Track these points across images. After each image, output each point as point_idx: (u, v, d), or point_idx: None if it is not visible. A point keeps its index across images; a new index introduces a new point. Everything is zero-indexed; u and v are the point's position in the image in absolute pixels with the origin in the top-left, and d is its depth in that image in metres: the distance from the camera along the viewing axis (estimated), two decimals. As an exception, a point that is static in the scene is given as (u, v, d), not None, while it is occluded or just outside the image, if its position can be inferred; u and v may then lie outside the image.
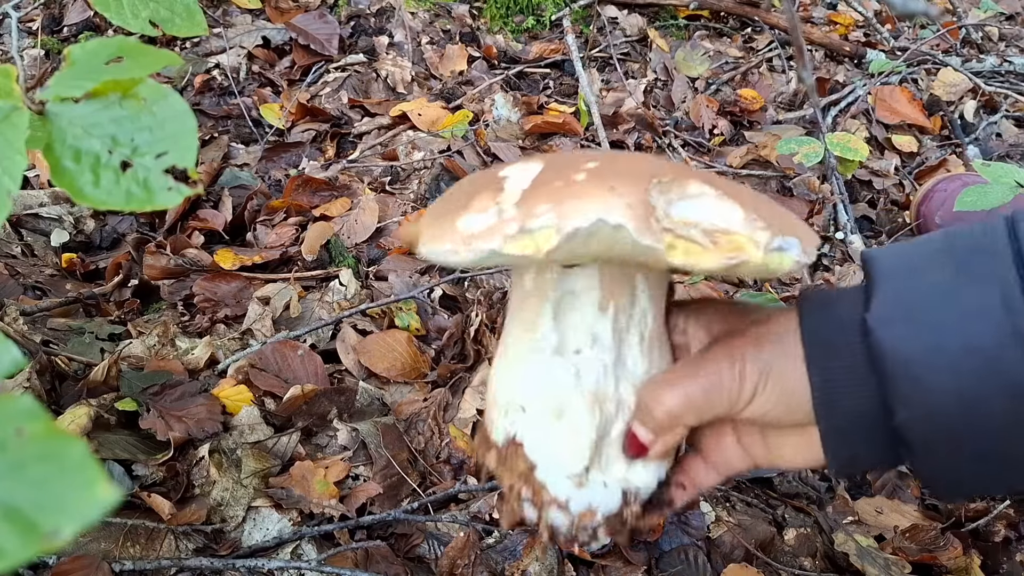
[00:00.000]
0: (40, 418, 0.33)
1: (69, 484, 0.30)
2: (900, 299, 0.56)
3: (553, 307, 0.57)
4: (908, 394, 0.54)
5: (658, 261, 0.49)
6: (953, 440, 0.55)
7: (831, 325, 0.58)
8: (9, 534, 0.29)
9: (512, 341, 0.59)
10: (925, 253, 0.59)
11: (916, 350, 0.54)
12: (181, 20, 0.75)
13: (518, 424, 0.57)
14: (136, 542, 0.95)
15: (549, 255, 0.47)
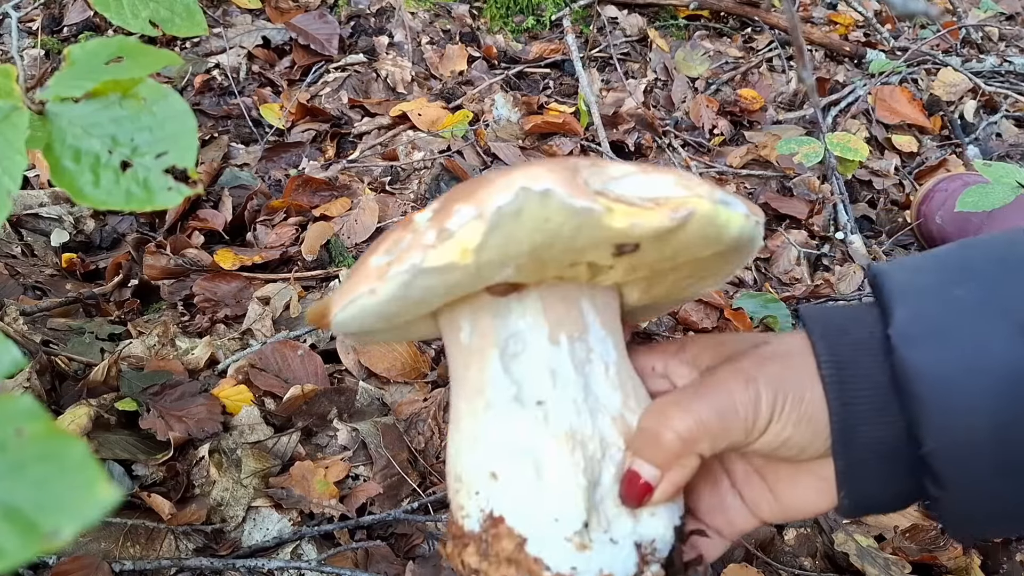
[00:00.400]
0: (40, 418, 0.33)
1: (69, 484, 0.30)
2: (925, 315, 0.51)
3: (500, 355, 0.51)
4: (938, 419, 0.49)
5: (600, 235, 0.44)
6: (988, 472, 0.49)
7: (847, 345, 0.52)
8: (9, 534, 0.29)
9: (464, 409, 0.51)
10: (942, 267, 0.54)
11: (947, 370, 0.48)
12: (181, 20, 0.75)
13: (492, 496, 0.49)
14: (136, 542, 0.95)
15: (478, 254, 0.42)
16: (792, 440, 0.52)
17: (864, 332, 0.53)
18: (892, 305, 0.52)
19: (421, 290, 0.45)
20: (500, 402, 0.50)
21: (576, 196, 0.42)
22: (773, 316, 1.30)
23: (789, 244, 1.52)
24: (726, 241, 0.49)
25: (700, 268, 0.54)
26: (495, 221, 0.42)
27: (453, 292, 0.48)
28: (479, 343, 0.51)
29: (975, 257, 0.53)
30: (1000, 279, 0.50)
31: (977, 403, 0.48)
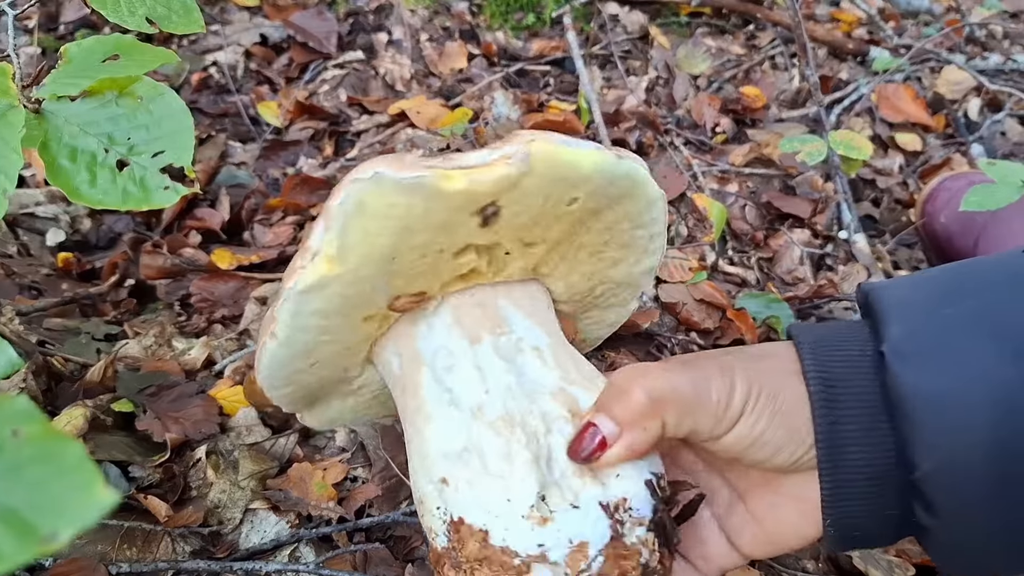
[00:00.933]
0: (37, 419, 0.33)
1: (66, 486, 0.30)
2: (919, 332, 0.49)
3: (430, 371, 0.51)
4: (931, 439, 0.47)
5: (448, 204, 0.44)
6: (982, 498, 0.47)
7: (838, 362, 0.51)
8: (6, 536, 0.29)
9: (411, 433, 0.52)
10: (934, 286, 0.53)
11: (942, 389, 0.47)
12: (178, 17, 0.74)
13: (449, 503, 0.48)
14: (133, 544, 0.94)
15: (342, 260, 0.43)
16: (765, 436, 0.50)
17: (855, 349, 0.51)
18: (887, 322, 0.50)
19: (315, 316, 0.46)
20: (438, 412, 0.50)
21: (404, 171, 0.43)
22: (776, 316, 1.29)
23: (792, 243, 1.51)
24: (588, 181, 0.48)
25: (603, 235, 0.54)
26: (340, 222, 0.42)
27: (351, 312, 0.48)
28: (410, 368, 0.52)
29: (967, 276, 0.52)
30: (991, 299, 0.49)
31: (972, 423, 0.46)
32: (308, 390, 0.55)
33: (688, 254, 1.43)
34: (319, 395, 0.57)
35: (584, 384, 0.52)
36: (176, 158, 0.49)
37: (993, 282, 0.50)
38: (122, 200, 0.48)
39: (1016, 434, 0.46)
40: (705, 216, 1.52)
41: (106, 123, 0.51)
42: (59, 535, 0.29)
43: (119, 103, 0.52)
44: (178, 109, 0.51)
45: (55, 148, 0.51)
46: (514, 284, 0.53)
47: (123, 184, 0.48)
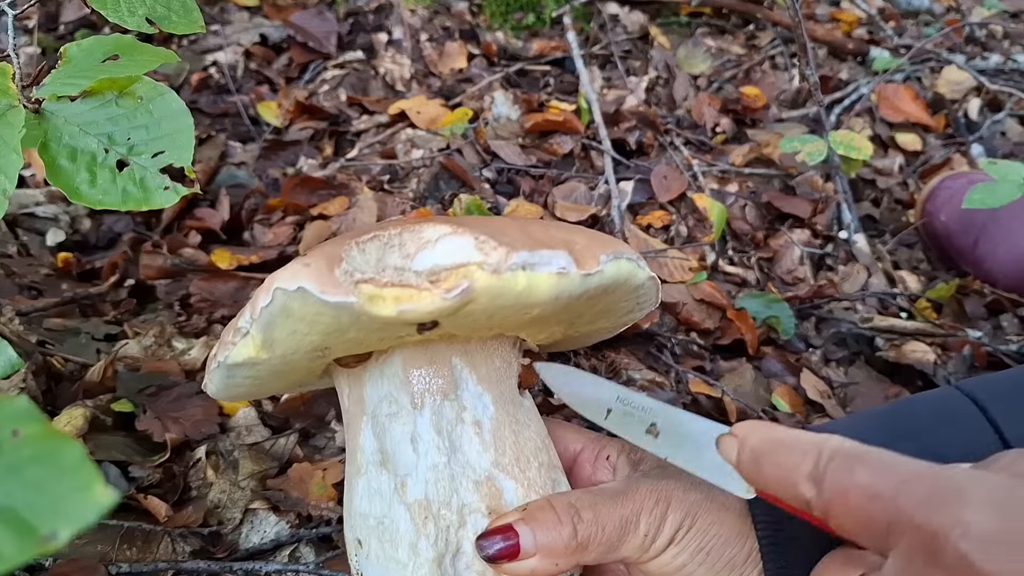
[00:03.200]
0: (36, 419, 0.33)
1: (66, 486, 0.30)
2: None
3: (370, 421, 0.50)
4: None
5: (377, 323, 0.42)
6: None
7: (778, 521, 0.50)
8: (6, 537, 0.29)
9: (347, 471, 0.52)
10: (880, 427, 0.53)
11: None
12: (178, 17, 0.74)
13: (360, 564, 0.49)
14: (132, 544, 0.94)
15: (269, 349, 0.43)
16: (686, 570, 0.49)
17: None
18: None
19: (248, 380, 0.48)
20: (368, 469, 0.50)
21: (330, 292, 0.41)
22: (776, 316, 1.29)
23: (792, 243, 1.51)
24: (548, 303, 0.45)
25: (578, 313, 0.52)
26: (266, 320, 0.42)
27: (288, 372, 0.49)
28: (354, 409, 0.51)
29: (914, 414, 0.53)
30: (942, 433, 0.51)
31: None
32: (268, 391, 0.55)
33: (688, 254, 1.42)
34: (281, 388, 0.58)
35: (516, 472, 0.50)
36: (176, 158, 0.48)
37: (934, 422, 0.53)
38: (122, 200, 0.48)
39: None
40: (705, 216, 1.52)
41: (106, 123, 0.51)
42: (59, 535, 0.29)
43: (119, 103, 0.52)
44: (178, 109, 0.51)
45: (55, 148, 0.51)
46: (473, 342, 0.51)
47: (123, 184, 0.48)
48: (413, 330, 0.45)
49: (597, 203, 1.53)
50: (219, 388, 0.51)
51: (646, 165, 1.64)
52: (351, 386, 0.52)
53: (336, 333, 0.44)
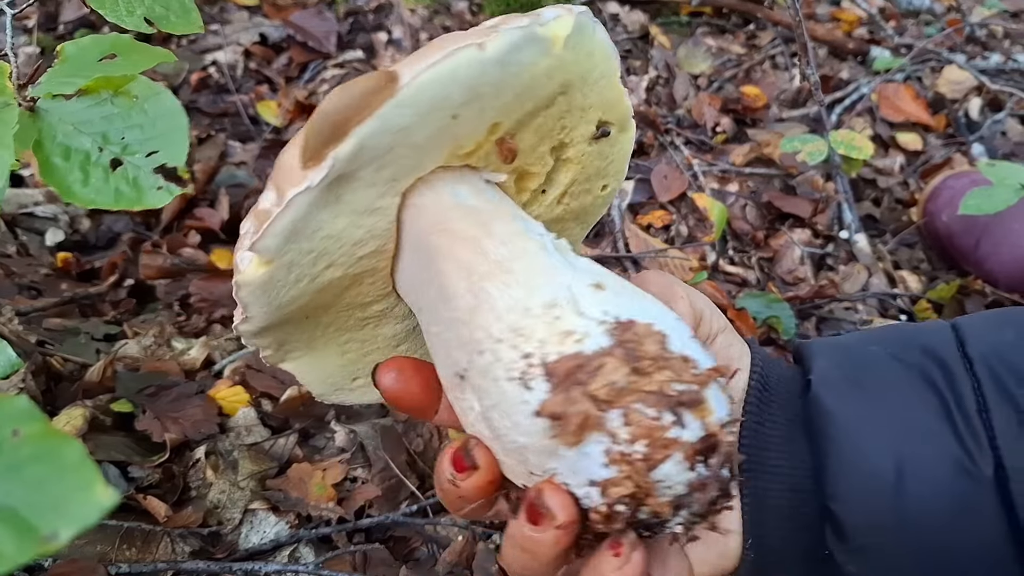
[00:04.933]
0: (37, 419, 0.33)
1: (67, 486, 0.30)
2: (842, 364, 0.54)
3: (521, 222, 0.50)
4: (846, 457, 0.50)
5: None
6: (891, 524, 0.49)
7: (775, 373, 0.55)
8: (7, 537, 0.29)
9: (503, 255, 0.46)
10: (861, 335, 0.59)
11: (859, 413, 0.51)
12: (176, 17, 0.74)
13: (608, 305, 0.44)
14: (132, 545, 0.94)
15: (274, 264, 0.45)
16: (730, 362, 0.55)
17: (790, 371, 0.57)
18: (813, 357, 0.56)
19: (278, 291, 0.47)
20: (547, 245, 0.48)
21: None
22: (776, 316, 1.28)
23: (792, 243, 1.51)
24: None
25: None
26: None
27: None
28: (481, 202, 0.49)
29: (895, 328, 0.60)
30: (912, 340, 0.55)
31: (881, 443, 0.50)
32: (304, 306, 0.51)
33: (688, 254, 1.42)
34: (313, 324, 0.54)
35: None
36: (170, 158, 0.48)
37: (907, 335, 0.56)
38: (115, 200, 0.48)
39: (915, 457, 0.49)
40: (705, 216, 1.51)
41: (100, 122, 0.51)
42: (59, 535, 0.29)
43: (114, 102, 0.52)
44: (173, 109, 0.51)
45: (49, 147, 0.51)
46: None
47: (116, 184, 0.48)
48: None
49: (597, 203, 1.52)
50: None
51: (646, 165, 1.64)
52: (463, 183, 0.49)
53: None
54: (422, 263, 0.49)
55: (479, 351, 0.44)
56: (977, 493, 0.48)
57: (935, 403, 0.51)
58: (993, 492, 0.48)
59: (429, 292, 0.48)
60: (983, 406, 0.50)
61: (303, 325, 0.53)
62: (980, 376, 0.51)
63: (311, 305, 0.51)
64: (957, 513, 0.49)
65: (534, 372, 0.42)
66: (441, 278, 0.47)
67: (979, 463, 0.48)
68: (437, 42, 0.44)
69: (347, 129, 0.42)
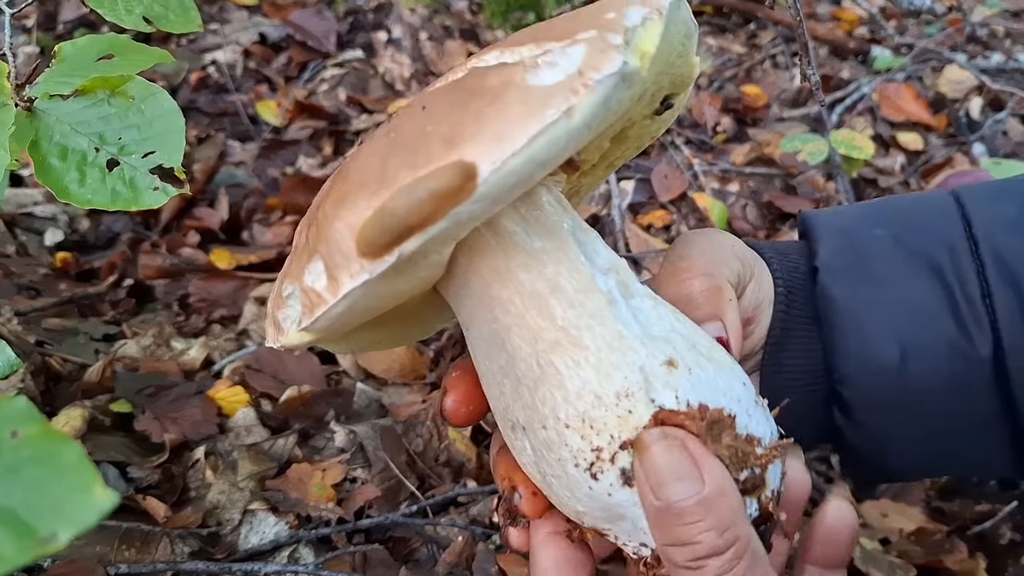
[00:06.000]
0: (35, 420, 0.32)
1: (65, 487, 0.30)
2: (846, 250, 0.56)
3: (576, 245, 0.46)
4: (852, 345, 0.53)
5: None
6: (893, 398, 0.53)
7: (791, 269, 0.57)
8: (5, 538, 0.29)
9: (571, 320, 0.43)
10: (866, 212, 0.59)
11: (863, 300, 0.53)
12: (175, 16, 0.74)
13: (681, 386, 0.43)
14: (131, 545, 0.94)
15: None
16: (759, 307, 0.55)
17: (802, 262, 0.58)
18: (818, 241, 0.57)
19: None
20: (614, 294, 0.45)
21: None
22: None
23: (793, 243, 1.51)
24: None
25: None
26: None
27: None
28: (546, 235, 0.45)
29: (897, 206, 0.59)
30: (917, 222, 0.56)
31: (885, 331, 0.53)
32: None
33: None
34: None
35: None
36: (167, 159, 0.48)
37: (912, 212, 0.57)
38: (111, 200, 0.47)
39: (917, 341, 0.52)
40: (706, 215, 1.51)
41: (97, 122, 0.51)
42: (58, 537, 0.28)
43: (111, 102, 0.52)
44: (170, 109, 0.50)
45: (45, 147, 0.50)
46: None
47: (112, 184, 0.48)
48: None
49: (597, 202, 1.52)
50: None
51: (647, 164, 1.63)
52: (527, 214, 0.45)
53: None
54: (482, 305, 0.46)
55: (543, 426, 0.43)
56: (973, 373, 0.51)
57: (939, 290, 0.52)
58: (990, 370, 0.51)
59: (484, 331, 0.46)
60: (986, 291, 0.51)
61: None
62: (984, 259, 0.52)
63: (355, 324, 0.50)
64: (953, 391, 0.52)
65: (603, 467, 0.42)
66: (504, 332, 0.45)
67: (978, 345, 0.51)
68: (508, 94, 0.37)
69: (414, 232, 0.38)
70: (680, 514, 0.39)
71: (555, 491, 0.45)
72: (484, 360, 0.47)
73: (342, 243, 0.40)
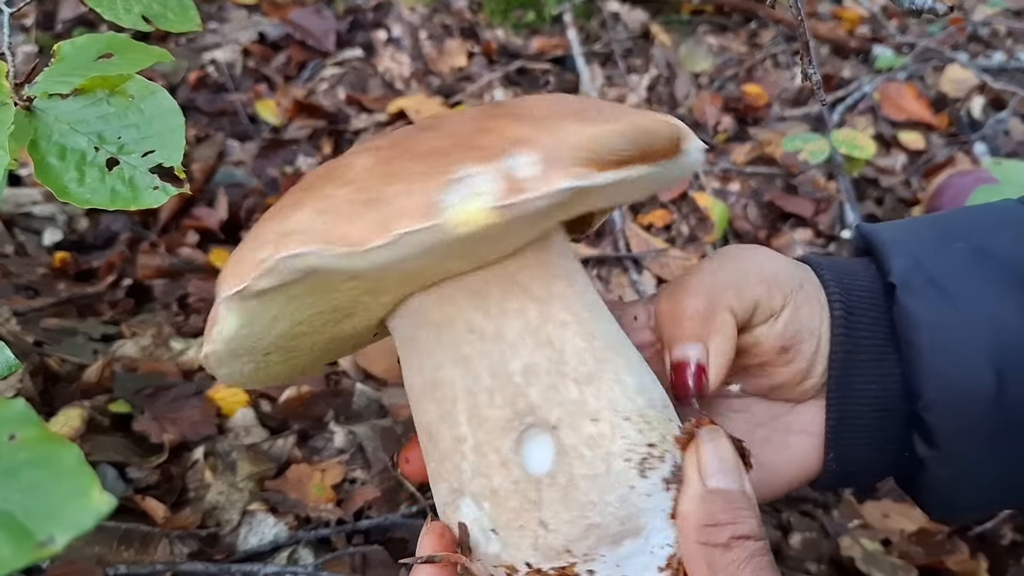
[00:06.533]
0: (33, 423, 0.32)
1: (63, 491, 0.30)
2: (925, 265, 0.51)
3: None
4: (939, 368, 0.48)
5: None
6: (983, 428, 0.48)
7: (856, 290, 0.52)
8: (2, 541, 0.29)
9: (598, 351, 0.47)
10: (938, 225, 0.55)
11: (948, 319, 0.49)
12: (174, 15, 0.73)
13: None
14: (130, 546, 0.93)
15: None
16: (796, 341, 0.51)
17: (868, 281, 0.53)
18: (890, 256, 0.52)
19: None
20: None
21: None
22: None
23: (794, 243, 1.50)
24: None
25: None
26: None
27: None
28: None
29: (969, 217, 0.54)
30: (996, 234, 0.51)
31: (977, 352, 0.48)
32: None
33: (690, 254, 1.42)
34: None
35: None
36: (166, 158, 0.48)
37: (991, 224, 0.53)
38: (110, 199, 0.47)
39: (1013, 365, 0.47)
40: (707, 215, 1.51)
41: (96, 121, 0.51)
42: (55, 541, 0.29)
43: (110, 102, 0.52)
44: (169, 108, 0.50)
45: (44, 146, 0.50)
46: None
47: (112, 183, 0.48)
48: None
49: (598, 202, 1.52)
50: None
51: (647, 164, 1.63)
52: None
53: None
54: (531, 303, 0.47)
55: (593, 419, 0.44)
56: None
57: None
58: None
59: (515, 329, 0.46)
60: None
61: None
62: None
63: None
64: None
65: (654, 464, 0.45)
66: (557, 329, 0.46)
67: None
68: None
69: (642, 161, 0.43)
70: (729, 498, 0.43)
71: (570, 498, 0.44)
72: (499, 363, 0.46)
73: (569, 141, 0.40)
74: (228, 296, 0.41)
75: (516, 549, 0.45)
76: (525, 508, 0.44)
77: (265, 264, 0.40)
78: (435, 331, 0.46)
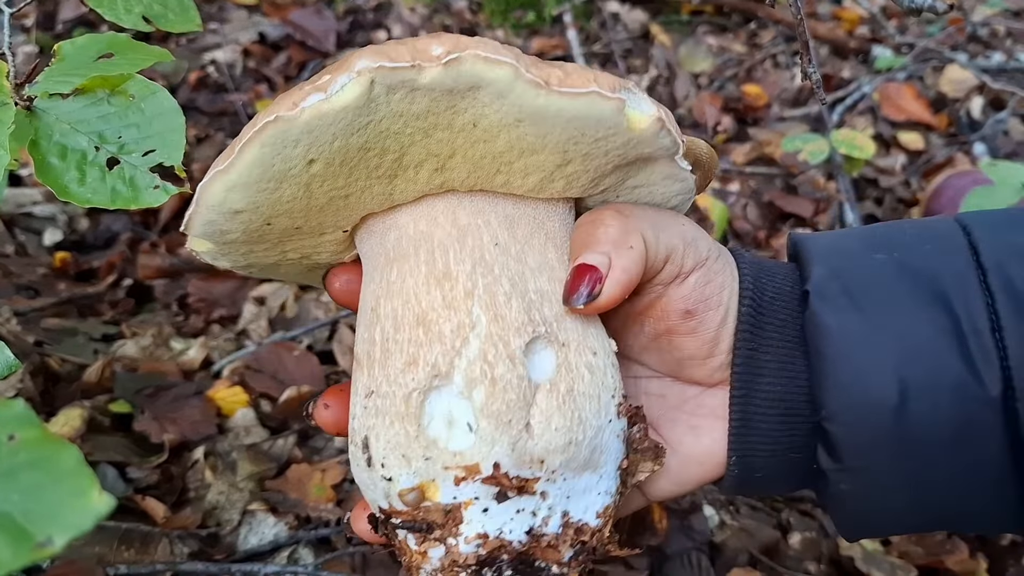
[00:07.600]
0: (33, 424, 0.32)
1: (62, 492, 0.30)
2: (843, 274, 0.51)
3: None
4: (843, 378, 0.48)
5: None
6: (886, 442, 0.48)
7: (769, 290, 0.53)
8: (2, 542, 0.29)
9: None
10: (866, 236, 0.55)
11: (858, 329, 0.48)
12: (175, 16, 0.73)
13: None
14: (130, 546, 0.93)
15: None
16: (712, 300, 0.51)
17: (787, 284, 0.53)
18: (811, 264, 0.53)
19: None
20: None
21: None
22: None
23: (793, 243, 1.50)
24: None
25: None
26: None
27: None
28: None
29: (899, 230, 0.54)
30: (918, 247, 0.51)
31: (883, 364, 0.47)
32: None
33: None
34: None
35: None
36: (167, 157, 0.48)
37: (916, 237, 0.52)
38: (111, 199, 0.47)
39: (917, 379, 0.47)
40: (707, 215, 1.51)
41: (97, 121, 0.51)
42: (54, 542, 0.29)
43: (111, 101, 0.52)
44: (170, 108, 0.50)
45: (45, 146, 0.50)
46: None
47: (112, 183, 0.48)
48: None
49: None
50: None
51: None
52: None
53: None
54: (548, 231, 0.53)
55: (594, 352, 0.49)
56: (980, 416, 0.46)
57: (944, 321, 0.47)
58: (999, 413, 0.46)
59: (536, 257, 0.52)
60: (996, 324, 0.46)
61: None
62: (994, 290, 0.47)
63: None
64: (958, 437, 0.47)
65: (623, 412, 0.50)
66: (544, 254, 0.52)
67: (987, 384, 0.46)
68: None
69: None
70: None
71: (566, 407, 0.47)
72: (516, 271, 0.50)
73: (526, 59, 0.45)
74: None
75: (491, 445, 0.45)
76: (519, 405, 0.46)
77: (358, 68, 0.43)
78: (458, 233, 0.50)
